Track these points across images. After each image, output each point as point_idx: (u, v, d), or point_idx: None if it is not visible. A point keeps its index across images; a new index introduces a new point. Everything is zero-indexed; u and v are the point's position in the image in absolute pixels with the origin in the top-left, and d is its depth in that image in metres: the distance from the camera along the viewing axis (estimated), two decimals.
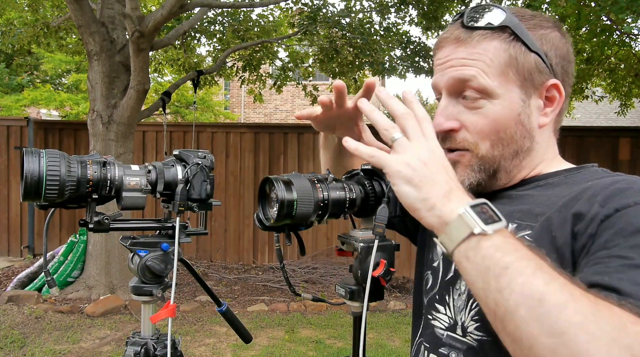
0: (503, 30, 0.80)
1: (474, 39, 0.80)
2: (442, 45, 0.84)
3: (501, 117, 0.80)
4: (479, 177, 0.82)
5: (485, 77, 0.79)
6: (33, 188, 0.89)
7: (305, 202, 0.85)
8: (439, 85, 0.84)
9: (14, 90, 13.22)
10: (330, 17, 6.90)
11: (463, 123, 0.81)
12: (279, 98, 19.33)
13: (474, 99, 0.80)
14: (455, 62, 0.81)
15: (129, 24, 4.73)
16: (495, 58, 0.79)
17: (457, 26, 0.82)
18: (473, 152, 0.81)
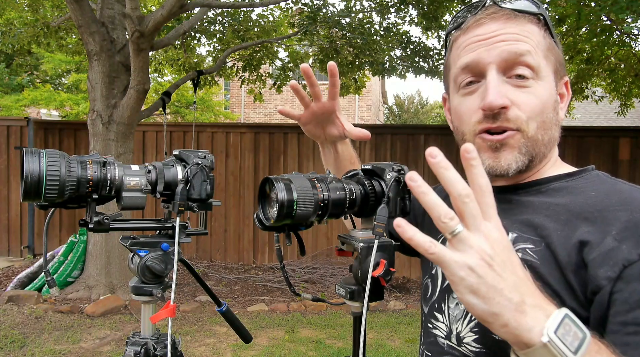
0: (538, 18, 0.80)
1: (521, 19, 0.78)
2: (484, 22, 0.79)
3: (546, 99, 0.78)
4: (524, 161, 0.79)
5: (538, 56, 0.77)
6: (33, 188, 0.89)
7: (305, 202, 0.85)
8: (484, 60, 0.78)
9: (14, 90, 13.22)
10: (330, 17, 6.90)
11: (514, 101, 0.77)
12: (279, 98, 19.34)
13: (524, 77, 0.77)
14: (508, 37, 0.77)
15: (129, 24, 4.73)
16: (540, 41, 0.79)
17: (493, 8, 0.80)
18: (524, 132, 0.78)
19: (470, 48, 0.80)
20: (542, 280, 0.70)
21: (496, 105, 0.75)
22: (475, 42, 0.79)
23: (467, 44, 0.81)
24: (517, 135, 0.78)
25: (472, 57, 0.79)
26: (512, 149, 0.78)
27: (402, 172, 0.90)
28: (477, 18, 0.80)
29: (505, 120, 0.77)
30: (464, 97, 0.82)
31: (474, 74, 0.80)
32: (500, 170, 0.79)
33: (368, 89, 17.87)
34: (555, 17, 6.16)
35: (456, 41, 0.84)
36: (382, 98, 26.38)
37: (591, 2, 5.63)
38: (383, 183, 0.91)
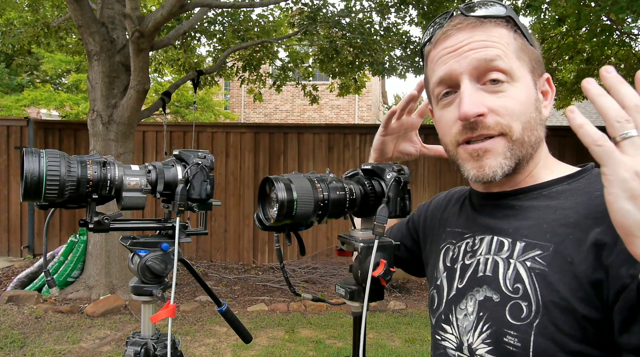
0: (507, 20, 0.80)
1: (487, 25, 0.79)
2: (451, 34, 0.80)
3: (525, 99, 0.78)
4: (510, 165, 0.78)
5: (508, 59, 0.77)
6: (33, 188, 0.89)
7: (305, 202, 0.85)
8: (457, 71, 0.78)
9: (14, 90, 13.22)
10: (330, 17, 6.89)
11: (491, 108, 0.76)
12: (279, 98, 19.34)
13: (498, 82, 0.77)
14: (476, 45, 0.77)
15: (129, 24, 4.72)
16: (510, 43, 0.79)
17: (458, 18, 0.80)
18: (507, 136, 0.77)
19: (442, 61, 0.81)
20: (550, 288, 0.70)
21: (471, 114, 0.75)
22: (446, 55, 0.80)
23: (438, 58, 0.82)
24: (500, 141, 0.77)
25: (444, 70, 0.80)
26: (496, 155, 0.77)
27: (402, 172, 0.90)
28: (444, 30, 0.81)
29: (485, 128, 0.77)
30: (443, 109, 0.83)
31: (449, 85, 0.81)
32: (486, 177, 0.78)
33: (368, 89, 17.88)
34: (556, 17, 6.17)
35: (429, 55, 0.85)
36: (382, 98, 26.38)
37: (591, 2, 5.64)
38: (383, 183, 0.91)
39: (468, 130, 0.77)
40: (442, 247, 0.93)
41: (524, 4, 6.04)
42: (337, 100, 18.82)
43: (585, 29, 6.57)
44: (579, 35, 6.91)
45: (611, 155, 0.53)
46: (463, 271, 0.84)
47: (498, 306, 0.75)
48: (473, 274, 0.81)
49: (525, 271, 0.74)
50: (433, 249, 0.98)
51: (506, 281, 0.75)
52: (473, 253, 0.83)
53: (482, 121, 0.76)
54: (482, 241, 0.82)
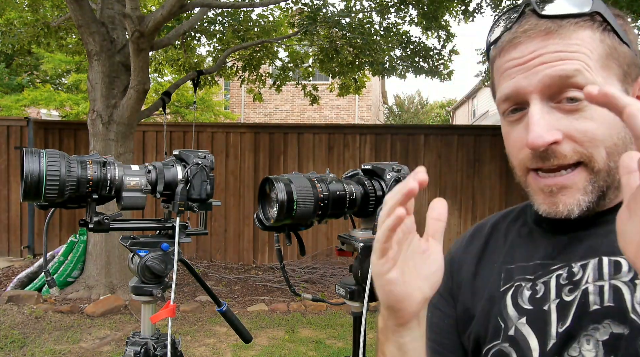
0: (592, 17, 0.67)
1: (565, 28, 0.65)
2: (519, 42, 0.67)
3: (610, 119, 0.63)
4: (592, 199, 0.66)
5: (590, 71, 0.65)
6: (33, 188, 0.89)
7: (305, 201, 0.85)
8: (525, 89, 0.66)
9: (14, 90, 13.22)
10: (330, 17, 6.89)
11: (567, 133, 0.64)
12: (279, 98, 19.34)
13: (577, 100, 0.64)
14: (550, 57, 0.65)
15: (129, 24, 4.72)
16: (594, 49, 0.66)
17: (529, 20, 0.68)
18: (588, 167, 0.65)
19: (507, 74, 0.69)
20: None
21: (539, 145, 0.64)
22: (513, 68, 0.68)
23: (504, 70, 0.70)
24: (579, 174, 0.66)
25: (511, 88, 0.68)
26: (573, 191, 0.66)
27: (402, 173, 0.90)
28: (511, 37, 0.69)
29: (560, 158, 0.65)
30: (510, 125, 0.72)
31: (516, 102, 0.69)
32: (560, 215, 0.67)
33: (368, 89, 17.88)
34: None
35: (494, 62, 0.73)
36: (382, 98, 26.39)
37: None
38: (383, 183, 0.91)
39: (539, 159, 0.67)
40: (504, 289, 0.75)
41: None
42: (337, 100, 18.82)
43: None
44: None
45: None
46: (563, 309, 0.67)
47: (631, 341, 0.60)
48: (581, 309, 0.65)
49: None
50: (476, 297, 0.79)
51: (635, 308, 0.61)
52: (574, 285, 0.67)
53: (556, 150, 0.65)
54: (585, 268, 0.67)
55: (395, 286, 0.59)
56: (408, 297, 0.60)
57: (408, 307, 0.61)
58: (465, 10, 7.08)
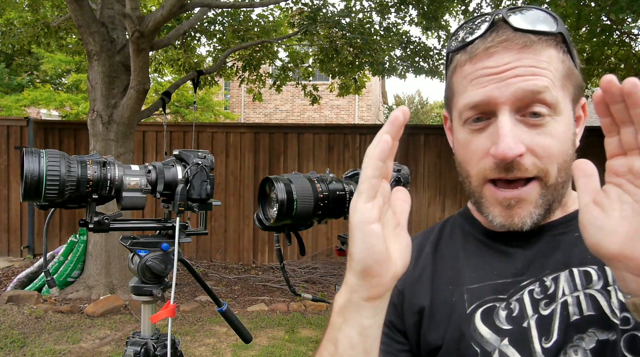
0: (556, 38, 0.69)
1: (538, 44, 0.68)
2: (495, 52, 0.68)
3: (565, 137, 0.69)
4: (540, 213, 0.69)
5: (555, 89, 0.67)
6: (33, 188, 0.89)
7: (305, 201, 0.85)
8: (497, 99, 0.67)
9: (14, 90, 13.22)
10: (330, 17, 6.89)
11: (529, 146, 0.66)
12: (279, 98, 19.34)
13: (541, 115, 0.67)
14: (524, 71, 0.66)
15: (129, 24, 4.72)
16: (558, 68, 0.68)
17: (505, 31, 0.68)
18: (542, 181, 0.68)
19: (479, 82, 0.69)
20: None
21: (509, 156, 0.65)
22: (485, 76, 0.68)
23: (475, 77, 0.70)
24: (534, 187, 0.68)
25: (482, 96, 0.68)
26: (527, 204, 0.68)
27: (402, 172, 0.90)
28: (487, 46, 0.69)
29: (522, 170, 0.67)
30: (471, 134, 0.71)
31: (483, 112, 0.69)
32: (514, 228, 0.69)
33: (368, 89, 17.88)
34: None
35: (461, 67, 0.72)
36: (382, 98, 26.40)
37: (591, 2, 5.64)
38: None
39: (502, 170, 0.67)
40: (470, 311, 0.72)
41: (524, 4, 6.05)
42: (337, 100, 18.83)
43: (585, 29, 6.57)
44: (579, 35, 6.91)
45: None
46: (543, 324, 0.67)
47: (616, 344, 0.63)
48: (564, 321, 0.66)
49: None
50: (439, 326, 0.75)
51: (615, 312, 0.64)
52: (550, 298, 0.68)
53: (520, 162, 0.66)
54: (557, 281, 0.69)
55: (379, 240, 0.53)
56: (387, 262, 0.55)
57: (384, 274, 0.55)
58: (465, 10, 7.08)
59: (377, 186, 0.53)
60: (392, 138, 0.52)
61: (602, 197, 0.52)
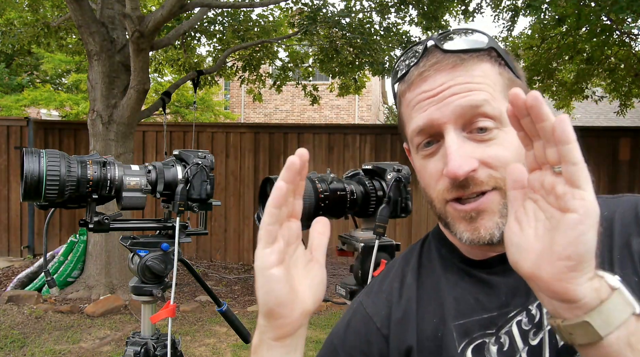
0: (489, 52, 0.71)
1: (469, 62, 0.69)
2: (428, 76, 0.69)
3: (517, 145, 0.65)
4: (504, 223, 0.66)
5: (496, 101, 0.67)
6: (33, 188, 0.89)
7: (305, 201, 0.85)
8: (439, 120, 0.67)
9: (14, 90, 13.22)
10: (330, 17, 6.89)
11: (482, 159, 0.66)
12: (279, 98, 19.34)
13: (488, 129, 0.67)
14: (459, 88, 0.67)
15: (129, 24, 4.72)
16: (496, 81, 0.69)
17: (435, 54, 0.70)
18: (502, 190, 0.66)
19: (420, 107, 0.70)
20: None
21: (460, 174, 0.65)
22: (424, 100, 0.69)
23: (415, 103, 0.71)
24: (494, 197, 0.67)
25: (424, 119, 0.69)
26: (491, 215, 0.67)
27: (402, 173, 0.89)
28: (420, 71, 0.70)
29: (477, 184, 0.66)
30: (425, 159, 0.72)
31: (430, 135, 0.70)
32: (482, 240, 0.67)
33: (368, 89, 17.88)
34: (556, 17, 6.17)
35: (403, 97, 0.74)
36: (382, 98, 26.40)
37: (591, 2, 5.64)
38: (384, 183, 0.91)
39: (458, 188, 0.67)
40: (461, 348, 0.71)
41: (524, 4, 6.05)
42: (337, 100, 18.83)
43: (585, 29, 6.57)
44: (579, 35, 6.91)
45: (587, 178, 0.48)
46: (535, 355, 0.66)
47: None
48: (552, 349, 0.65)
49: None
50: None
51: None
52: (537, 327, 0.67)
53: (474, 177, 0.66)
54: (541, 307, 0.67)
55: (279, 284, 0.55)
56: (291, 303, 0.56)
57: (289, 315, 0.56)
58: (465, 10, 7.08)
59: (275, 232, 0.55)
60: (288, 183, 0.53)
61: (521, 213, 0.52)
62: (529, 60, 7.85)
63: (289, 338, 0.58)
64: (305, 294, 0.57)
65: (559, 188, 0.48)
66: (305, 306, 0.57)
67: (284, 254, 0.55)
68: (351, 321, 0.81)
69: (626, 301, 0.49)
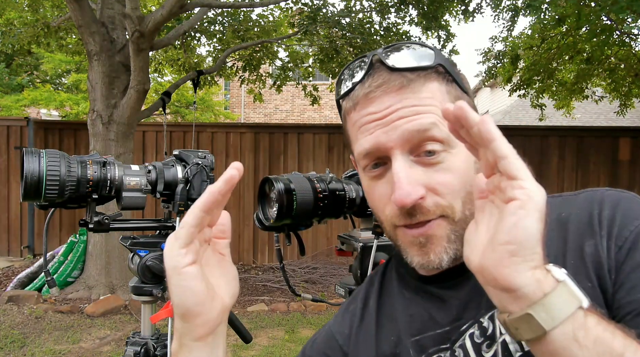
0: (437, 70, 0.69)
1: (416, 82, 0.67)
2: (375, 96, 0.67)
3: (464, 167, 0.67)
4: (457, 247, 0.66)
5: (443, 123, 0.64)
6: (33, 188, 0.89)
7: (305, 201, 0.85)
8: (386, 144, 0.66)
9: (14, 90, 13.22)
10: (330, 17, 6.89)
11: (429, 186, 0.65)
12: (279, 98, 19.34)
13: (435, 152, 0.65)
14: (406, 112, 0.65)
15: (129, 24, 4.72)
16: (443, 101, 0.67)
17: (382, 74, 0.68)
18: (449, 218, 0.66)
19: (366, 129, 0.68)
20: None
21: (407, 203, 0.64)
22: (370, 123, 0.67)
23: (361, 124, 0.69)
24: (441, 223, 0.66)
25: (371, 143, 0.67)
26: (440, 240, 0.66)
27: None
28: (366, 92, 0.68)
29: (424, 213, 0.65)
30: (373, 181, 0.71)
31: (377, 157, 0.68)
32: (432, 265, 0.67)
33: None
34: (556, 17, 6.17)
35: (349, 115, 0.72)
36: None
37: (591, 2, 5.64)
38: None
39: (406, 216, 0.66)
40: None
41: (524, 4, 6.05)
42: None
43: (585, 29, 6.57)
44: (579, 35, 6.91)
45: (528, 173, 0.49)
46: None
47: None
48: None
49: None
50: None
51: None
52: (490, 339, 0.65)
53: (422, 205, 0.65)
54: (493, 320, 0.66)
55: (195, 281, 0.55)
56: (210, 300, 0.56)
57: (209, 312, 0.56)
58: (465, 10, 7.08)
59: (195, 235, 0.55)
60: (221, 194, 0.55)
61: (479, 216, 0.53)
62: (529, 60, 7.85)
63: (210, 336, 0.58)
64: (222, 290, 0.59)
65: (502, 183, 0.49)
66: (224, 302, 0.58)
67: (197, 254, 0.56)
68: (317, 337, 0.83)
69: (572, 294, 0.48)
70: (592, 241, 0.63)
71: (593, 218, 0.64)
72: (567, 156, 7.04)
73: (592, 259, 0.62)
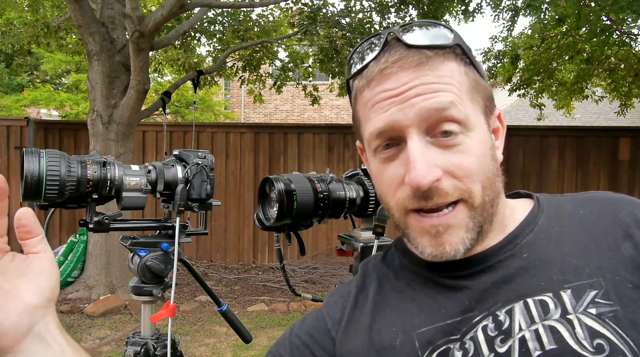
0: (454, 50, 0.65)
1: (434, 60, 0.63)
2: (392, 72, 0.63)
3: (482, 151, 0.64)
4: (473, 237, 0.63)
5: (462, 104, 0.62)
6: (33, 188, 0.89)
7: (305, 201, 0.85)
8: (401, 123, 0.62)
9: (14, 90, 13.22)
10: (330, 17, 6.90)
11: (446, 168, 0.61)
12: (279, 98, 19.34)
13: (453, 133, 0.62)
14: (425, 89, 0.61)
15: (129, 24, 4.73)
16: (462, 82, 0.64)
17: (398, 50, 0.64)
18: (468, 203, 0.63)
19: (380, 107, 0.63)
20: (637, 327, 0.58)
21: (424, 184, 0.60)
22: (385, 100, 0.63)
23: (375, 102, 0.64)
24: (461, 209, 0.63)
25: (385, 121, 0.63)
26: (457, 229, 0.63)
27: None
28: (381, 68, 0.64)
29: (442, 196, 0.61)
30: (383, 163, 0.66)
31: (391, 137, 0.64)
32: (447, 257, 0.64)
33: None
34: (556, 17, 6.17)
35: (361, 94, 0.67)
36: None
37: (591, 2, 5.64)
38: None
39: (421, 198, 0.62)
40: (425, 356, 0.67)
41: (524, 4, 6.05)
42: (337, 100, 18.83)
43: (585, 29, 6.57)
44: (579, 35, 6.91)
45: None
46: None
47: None
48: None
49: (596, 320, 0.58)
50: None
51: (582, 343, 0.57)
52: (505, 334, 0.61)
53: (438, 188, 0.61)
54: (511, 314, 0.62)
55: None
56: (2, 306, 0.52)
57: (6, 317, 0.52)
58: (465, 10, 7.08)
59: None
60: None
61: None
62: (529, 60, 7.85)
63: (23, 343, 0.53)
64: (20, 290, 0.54)
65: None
66: (26, 302, 0.54)
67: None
68: (308, 317, 0.79)
69: None
70: (629, 243, 0.63)
71: (623, 218, 0.65)
72: (567, 156, 7.05)
73: (633, 260, 0.61)
